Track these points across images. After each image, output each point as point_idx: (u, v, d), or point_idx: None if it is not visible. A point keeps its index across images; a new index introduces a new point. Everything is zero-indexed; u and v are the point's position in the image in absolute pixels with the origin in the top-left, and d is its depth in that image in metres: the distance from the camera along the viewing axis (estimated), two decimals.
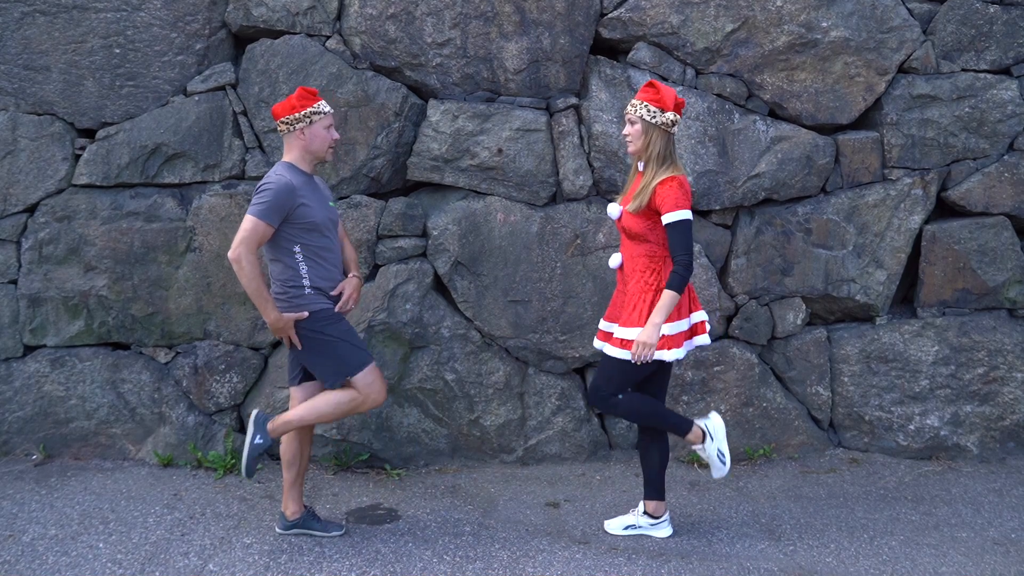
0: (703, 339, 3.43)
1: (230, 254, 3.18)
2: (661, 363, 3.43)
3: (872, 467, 4.38)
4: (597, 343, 3.54)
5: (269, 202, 3.19)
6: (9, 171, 4.24)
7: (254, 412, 3.45)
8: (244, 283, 3.20)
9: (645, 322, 3.27)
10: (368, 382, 3.38)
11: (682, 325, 3.33)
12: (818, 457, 4.49)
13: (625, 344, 3.31)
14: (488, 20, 4.23)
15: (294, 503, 3.55)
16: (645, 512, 3.63)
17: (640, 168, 3.37)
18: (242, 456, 3.44)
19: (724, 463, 3.51)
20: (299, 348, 3.37)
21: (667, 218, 3.20)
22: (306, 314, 3.32)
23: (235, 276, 4.24)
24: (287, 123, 3.33)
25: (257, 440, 3.39)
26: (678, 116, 3.30)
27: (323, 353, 3.35)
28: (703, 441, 3.51)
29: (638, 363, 3.27)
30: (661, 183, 3.22)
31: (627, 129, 3.34)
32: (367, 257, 4.28)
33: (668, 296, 3.21)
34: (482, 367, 4.35)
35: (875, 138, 4.44)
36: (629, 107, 3.33)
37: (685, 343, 3.37)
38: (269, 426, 3.39)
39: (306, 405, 3.38)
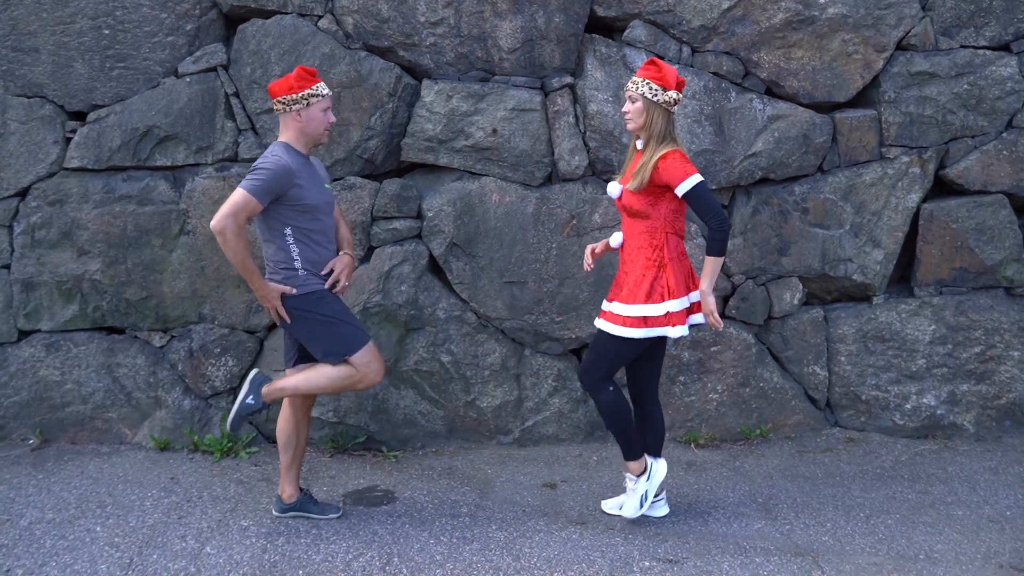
0: (698, 317, 3.41)
1: (213, 224, 3.12)
2: (655, 341, 3.41)
3: (868, 446, 4.38)
4: (599, 322, 3.51)
5: (263, 181, 3.16)
6: None
7: (253, 371, 3.43)
8: (229, 254, 3.17)
9: (646, 299, 3.26)
10: (366, 361, 3.36)
11: (684, 302, 3.31)
12: (815, 437, 4.50)
13: (621, 320, 3.30)
14: None
15: (291, 486, 3.55)
16: (633, 474, 3.58)
17: (639, 146, 3.35)
18: (230, 412, 3.42)
19: (641, 506, 3.49)
20: (287, 323, 3.35)
21: (681, 188, 3.17)
22: (293, 290, 3.30)
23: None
24: (284, 103, 3.28)
25: (249, 400, 3.37)
26: (679, 95, 3.26)
27: (319, 333, 3.33)
28: (640, 475, 3.50)
29: (714, 327, 3.28)
30: (662, 158, 3.19)
31: (627, 106, 3.30)
32: (362, 239, 4.26)
33: (712, 262, 3.23)
34: (478, 348, 4.34)
35: (873, 116, 4.41)
36: (630, 84, 3.29)
37: (689, 319, 3.36)
38: (264, 389, 3.38)
39: (303, 375, 3.36)
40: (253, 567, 3.17)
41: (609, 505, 3.67)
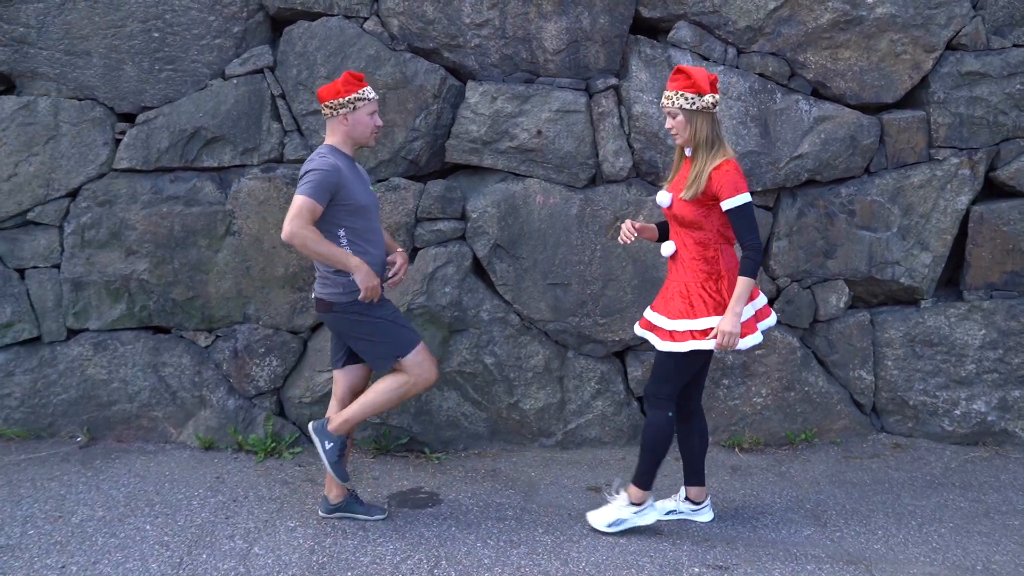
0: (766, 323, 3.36)
1: (284, 235, 3.15)
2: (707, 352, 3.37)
3: (916, 453, 4.32)
4: (639, 330, 3.48)
5: (317, 181, 3.18)
6: (51, 156, 4.26)
7: (309, 425, 3.46)
8: (312, 253, 3.18)
9: (697, 315, 3.22)
10: (418, 362, 3.37)
11: (749, 311, 3.27)
12: (861, 442, 4.44)
13: (673, 336, 3.25)
14: (527, 0, 4.17)
15: (337, 487, 3.56)
16: (687, 498, 3.60)
17: (687, 154, 3.30)
18: (327, 470, 3.44)
19: (611, 527, 3.44)
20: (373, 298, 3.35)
21: (728, 204, 3.13)
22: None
23: (274, 260, 4.25)
24: (331, 107, 3.31)
25: (327, 446, 3.40)
26: (717, 96, 3.20)
27: (371, 336, 3.34)
28: (635, 503, 3.44)
29: (716, 349, 3.20)
30: (716, 168, 3.15)
31: (668, 123, 3.24)
32: (406, 240, 4.26)
33: (743, 283, 3.14)
34: (521, 350, 4.33)
35: (921, 117, 4.34)
36: (664, 100, 3.22)
37: (759, 325, 3.32)
38: (330, 428, 3.40)
39: (360, 401, 3.39)
40: (302, 568, 3.18)
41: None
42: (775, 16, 4.24)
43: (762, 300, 3.38)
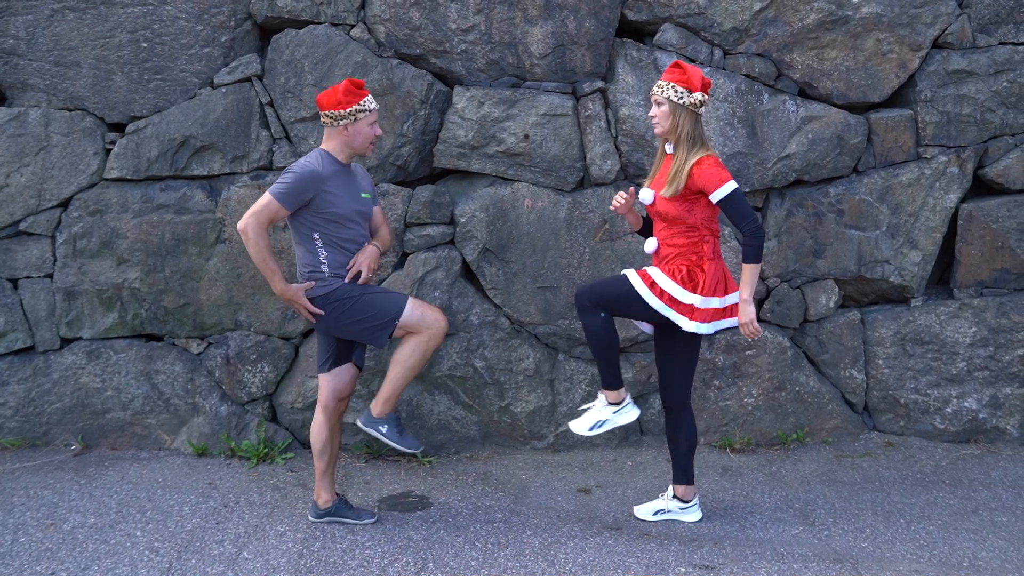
0: (730, 322, 3.36)
1: (239, 224, 3.23)
2: (683, 338, 3.37)
3: (908, 451, 4.31)
4: (629, 272, 3.46)
5: (288, 186, 3.23)
6: (43, 167, 4.30)
7: (358, 421, 3.51)
8: (251, 252, 3.26)
9: (680, 283, 3.23)
10: (419, 316, 3.36)
11: (715, 303, 3.27)
12: (852, 441, 4.44)
13: (649, 282, 3.27)
14: (512, 5, 4.20)
15: (326, 491, 3.58)
16: (675, 496, 3.61)
17: (668, 150, 3.33)
18: (397, 449, 3.50)
19: (592, 430, 3.45)
20: (318, 320, 3.38)
21: (716, 195, 3.17)
22: (312, 283, 3.35)
23: None
24: (332, 118, 3.32)
25: (383, 429, 3.43)
26: (706, 96, 3.25)
27: (358, 313, 3.35)
28: (611, 404, 3.45)
29: (749, 338, 3.28)
30: (696, 164, 3.18)
31: (653, 110, 3.30)
32: (395, 246, 4.29)
33: (750, 270, 3.21)
34: (512, 354, 4.34)
35: (909, 116, 4.35)
36: (655, 88, 3.29)
37: (715, 322, 3.31)
38: (376, 414, 3.43)
39: (389, 377, 3.41)
40: (290, 572, 3.19)
41: (642, 510, 3.65)
42: (760, 17, 4.26)
43: (733, 298, 3.37)
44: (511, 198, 4.27)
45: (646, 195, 3.37)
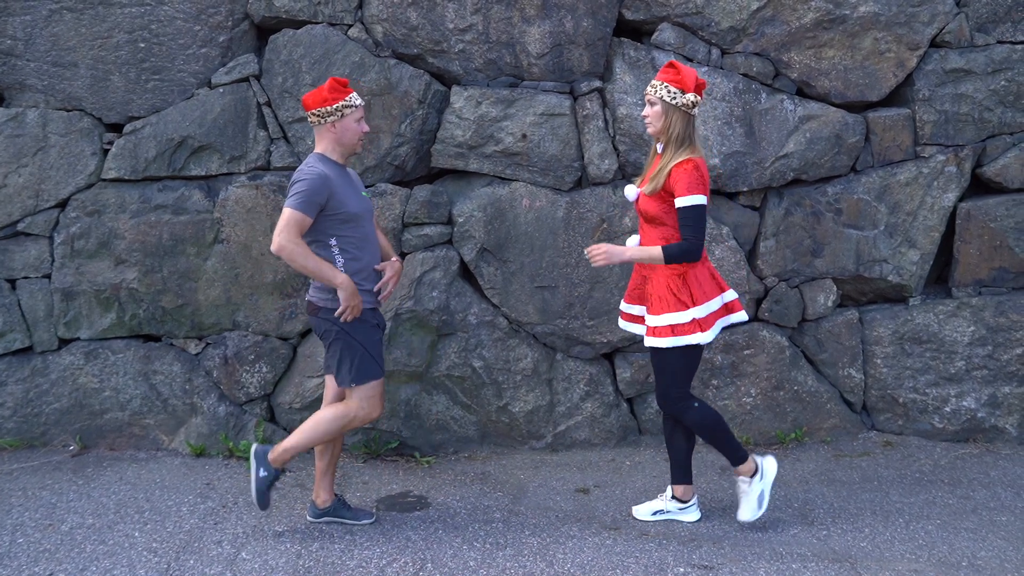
0: (735, 317, 3.39)
1: (273, 248, 3.20)
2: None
3: (907, 450, 4.31)
4: (623, 323, 3.53)
5: (305, 192, 3.21)
6: (40, 167, 4.29)
7: (252, 447, 3.49)
8: (299, 266, 3.21)
9: (674, 308, 3.24)
10: (367, 396, 3.39)
11: (713, 305, 3.28)
12: (851, 440, 4.43)
13: (662, 332, 3.28)
14: (510, 4, 4.19)
15: (325, 491, 3.58)
16: (673, 497, 3.61)
17: (659, 150, 3.34)
18: (251, 494, 3.48)
19: (760, 507, 3.44)
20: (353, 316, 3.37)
21: (680, 201, 3.17)
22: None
23: (262, 267, 4.27)
24: (318, 115, 3.32)
25: (261, 473, 3.44)
26: (699, 97, 3.24)
27: (343, 353, 3.36)
28: (752, 475, 3.46)
29: (587, 254, 3.27)
30: (677, 165, 3.19)
31: (646, 110, 3.30)
32: (393, 245, 4.28)
33: (655, 251, 3.20)
34: (510, 354, 4.34)
35: (906, 115, 4.35)
36: (649, 88, 3.29)
37: (718, 322, 3.33)
38: (270, 456, 3.43)
39: (302, 430, 3.42)
40: (288, 572, 3.19)
41: (640, 511, 3.64)
42: (758, 16, 4.26)
43: (732, 294, 3.39)
44: (509, 198, 4.27)
45: (630, 192, 3.38)
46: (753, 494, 3.45)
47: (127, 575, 3.18)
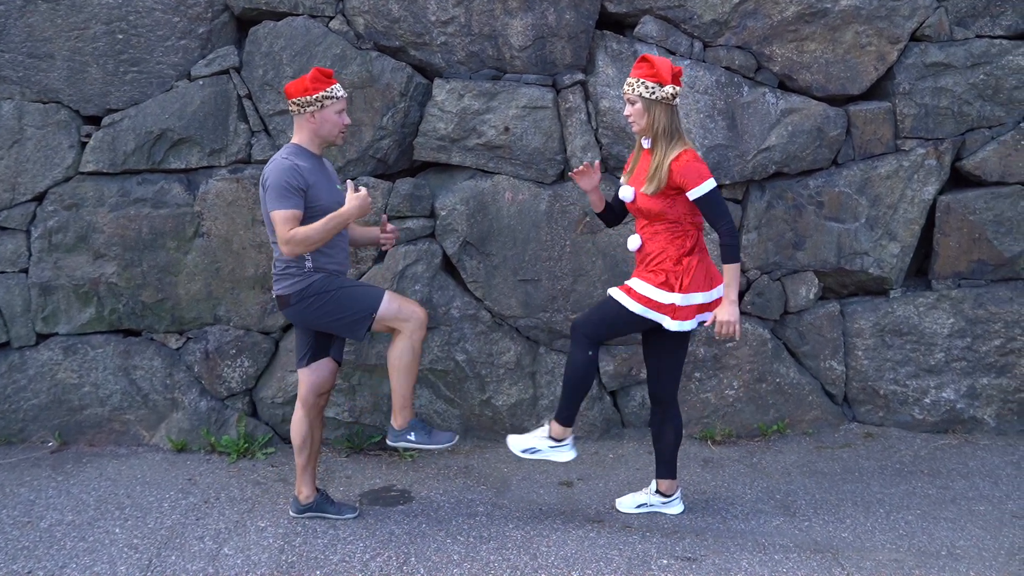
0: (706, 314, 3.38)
1: (286, 253, 3.20)
2: (672, 337, 3.36)
3: (887, 441, 4.35)
4: (612, 290, 3.48)
5: (281, 188, 3.18)
6: (16, 160, 4.24)
7: (388, 441, 3.50)
8: (316, 243, 3.19)
9: (657, 284, 3.24)
10: (395, 310, 3.34)
11: (698, 298, 3.27)
12: (832, 432, 4.46)
13: (627, 289, 3.28)
14: None
15: (307, 486, 3.56)
16: (657, 491, 3.62)
17: (646, 145, 3.32)
18: (433, 448, 3.47)
19: (525, 451, 3.44)
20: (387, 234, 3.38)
21: (694, 193, 3.15)
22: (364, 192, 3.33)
23: (243, 261, 4.24)
24: (298, 104, 3.29)
25: (411, 437, 3.43)
26: (678, 87, 3.21)
27: (336, 307, 3.33)
28: (554, 437, 3.43)
29: (717, 338, 3.30)
30: (676, 160, 3.17)
31: (628, 109, 3.26)
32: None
33: (731, 270, 3.20)
34: (493, 347, 4.33)
35: (887, 108, 4.37)
36: (626, 86, 3.25)
37: (697, 316, 3.32)
38: (397, 426, 3.43)
39: (394, 388, 3.40)
40: (271, 568, 3.17)
41: (624, 503, 3.65)
42: (740, 9, 4.26)
43: (718, 292, 3.38)
44: (491, 191, 4.25)
45: (626, 193, 3.34)
46: (536, 441, 3.43)
47: (108, 572, 3.16)
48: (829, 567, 3.13)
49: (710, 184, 3.16)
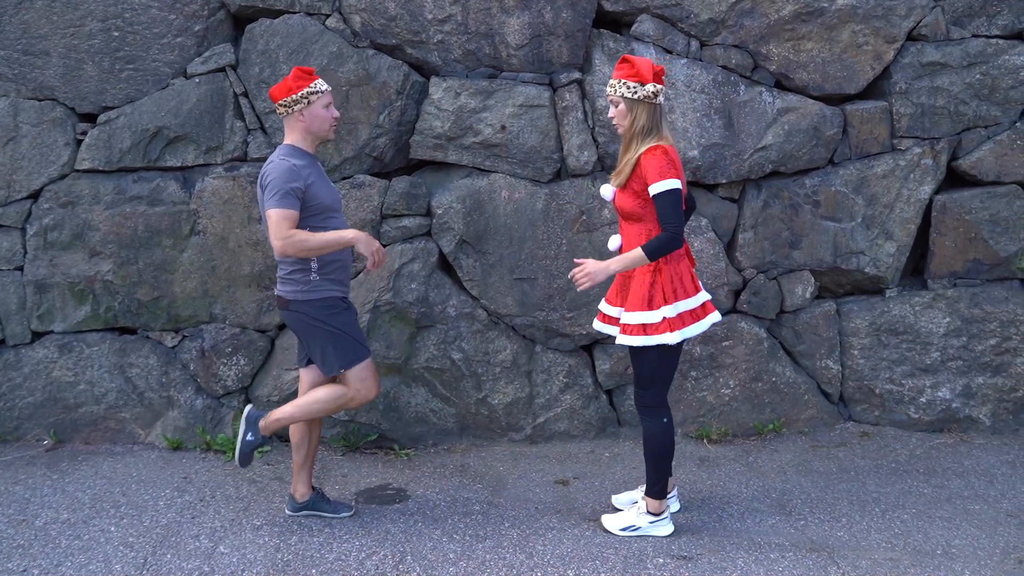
0: (714, 317, 3.32)
1: (276, 254, 3.18)
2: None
3: (883, 440, 4.35)
4: (598, 325, 3.46)
5: (279, 187, 3.16)
6: (12, 157, 4.23)
7: (246, 408, 3.47)
8: (308, 251, 3.16)
9: (649, 306, 3.18)
10: (362, 378, 3.37)
11: (688, 304, 3.22)
12: (828, 431, 4.47)
13: (634, 330, 3.19)
14: None
15: (303, 485, 3.56)
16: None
17: None
18: (235, 450, 3.49)
19: (626, 529, 3.39)
20: (382, 263, 3.35)
21: (653, 188, 3.07)
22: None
23: (239, 258, 4.23)
24: (285, 105, 3.29)
25: (248, 437, 3.43)
26: (660, 86, 3.16)
27: (323, 343, 3.34)
28: (652, 513, 3.37)
29: (571, 276, 3.20)
30: (645, 153, 3.12)
31: (611, 111, 3.23)
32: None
33: (637, 257, 3.11)
34: (489, 346, 4.33)
35: (884, 107, 4.37)
36: (608, 88, 3.21)
37: (695, 324, 3.24)
38: (261, 424, 3.41)
39: (296, 403, 3.40)
40: (267, 566, 3.17)
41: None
42: (737, 8, 4.26)
43: (706, 295, 3.33)
44: (488, 189, 4.25)
45: (606, 191, 3.31)
46: (632, 518, 3.39)
47: (103, 570, 3.15)
48: (825, 566, 3.14)
49: (670, 183, 3.05)
